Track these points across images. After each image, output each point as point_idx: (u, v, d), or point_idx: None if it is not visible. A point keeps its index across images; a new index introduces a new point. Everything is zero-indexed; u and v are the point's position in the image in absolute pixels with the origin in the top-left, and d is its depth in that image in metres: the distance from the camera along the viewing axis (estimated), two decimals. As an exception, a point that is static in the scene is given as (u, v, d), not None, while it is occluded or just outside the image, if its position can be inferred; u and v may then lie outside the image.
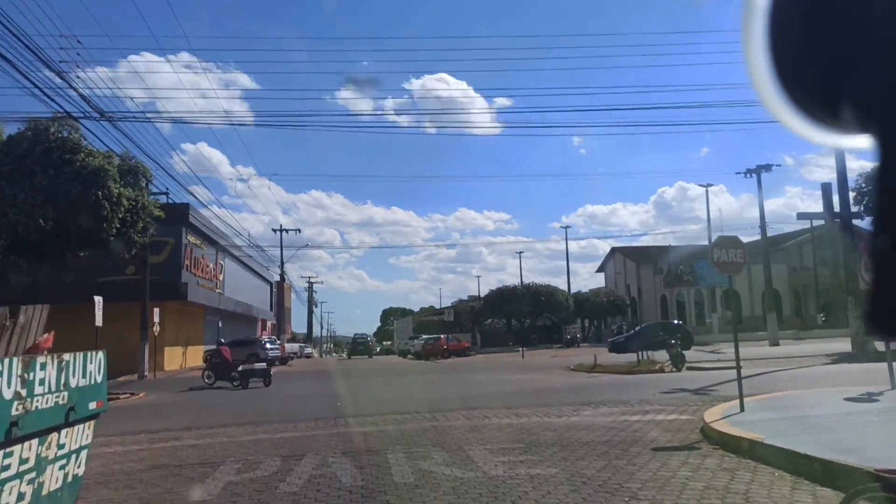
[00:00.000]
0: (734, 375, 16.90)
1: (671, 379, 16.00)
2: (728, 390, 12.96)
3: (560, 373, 20.51)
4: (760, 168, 32.99)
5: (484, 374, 21.71)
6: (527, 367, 24.48)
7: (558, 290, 51.48)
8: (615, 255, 75.58)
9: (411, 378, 21.40)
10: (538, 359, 31.20)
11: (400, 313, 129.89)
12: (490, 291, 53.65)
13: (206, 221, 36.72)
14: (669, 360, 19.80)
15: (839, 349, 25.02)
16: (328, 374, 27.45)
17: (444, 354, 38.27)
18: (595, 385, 15.19)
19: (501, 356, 38.10)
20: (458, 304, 64.69)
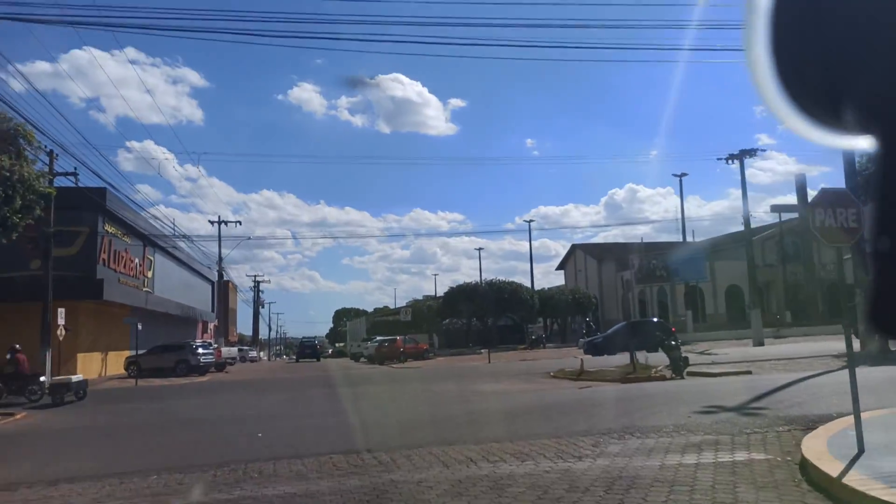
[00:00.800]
0: (756, 384, 13.98)
1: (682, 390, 12.91)
2: (778, 405, 9.90)
3: (541, 381, 17.26)
4: (744, 153, 30.62)
5: (451, 382, 18.31)
6: (498, 373, 21.18)
7: (523, 286, 48.47)
8: (576, 253, 73.45)
9: (362, 390, 17.83)
10: (506, 362, 27.96)
11: (353, 314, 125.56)
12: (450, 289, 50.31)
13: (128, 211, 32.24)
14: (669, 365, 16.82)
15: (839, 348, 22.57)
16: (264, 383, 23.61)
17: (401, 358, 34.74)
18: (598, 400, 11.94)
19: (464, 359, 34.79)
20: (416, 304, 61.17)
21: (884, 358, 18.32)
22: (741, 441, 7.79)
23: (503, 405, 11.83)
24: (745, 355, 23.33)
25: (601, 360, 23.69)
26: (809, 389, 11.72)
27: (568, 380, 17.18)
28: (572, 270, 72.20)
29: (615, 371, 17.58)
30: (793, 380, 13.56)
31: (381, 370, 29.15)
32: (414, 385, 18.30)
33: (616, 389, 13.80)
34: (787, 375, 14.97)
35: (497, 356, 33.34)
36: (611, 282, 66.09)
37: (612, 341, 28.26)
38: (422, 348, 38.21)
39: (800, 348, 25.82)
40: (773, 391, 11.70)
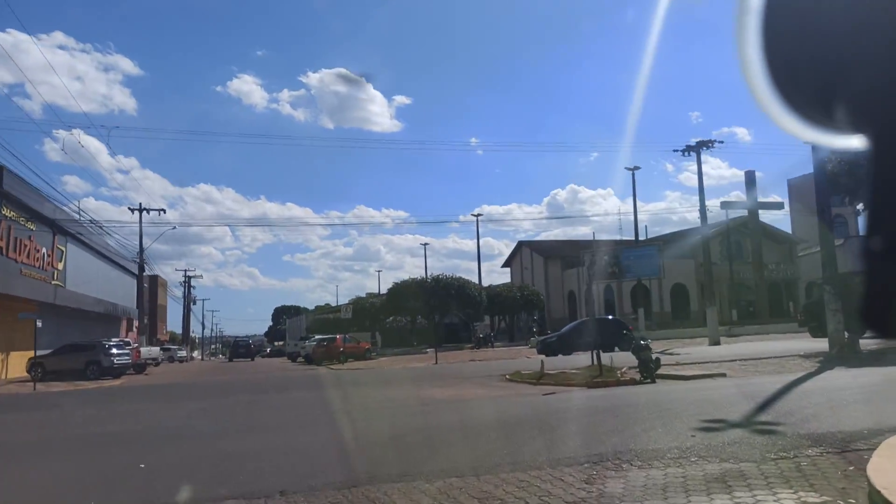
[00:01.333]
0: (743, 389, 12.18)
1: (664, 397, 11.14)
2: (789, 419, 8.17)
3: (498, 385, 15.31)
4: (700, 144, 29.57)
5: (396, 387, 16.17)
6: (448, 375, 19.13)
7: (470, 282, 46.60)
8: (522, 250, 72.32)
9: (291, 397, 15.47)
10: (455, 363, 25.96)
11: (293, 311, 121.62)
12: (394, 284, 48.00)
13: (32, 193, 28.68)
14: (637, 367, 15.14)
15: (805, 348, 21.55)
16: (183, 388, 20.89)
17: (341, 358, 32.29)
18: (571, 412, 10.01)
19: (409, 359, 32.64)
20: (358, 301, 58.64)
21: (857, 359, 17.19)
22: (772, 472, 5.97)
23: (460, 419, 9.76)
24: (706, 355, 22.06)
25: (558, 361, 21.99)
26: (809, 397, 10.12)
27: (527, 384, 15.30)
28: (518, 268, 71.03)
29: (578, 374, 15.79)
30: (781, 384, 11.99)
31: (317, 372, 26.69)
32: (353, 391, 16.06)
33: (586, 397, 11.94)
34: (768, 379, 13.46)
35: (444, 356, 31.33)
36: (557, 279, 65.20)
37: (567, 340, 26.67)
38: (363, 347, 35.85)
39: (760, 347, 24.81)
40: (772, 400, 10.05)
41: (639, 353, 14.82)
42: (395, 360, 32.97)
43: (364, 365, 29.22)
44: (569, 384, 14.35)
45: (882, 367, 14.74)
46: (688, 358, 20.34)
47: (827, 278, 19.53)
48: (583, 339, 25.55)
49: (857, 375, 13.19)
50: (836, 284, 19.44)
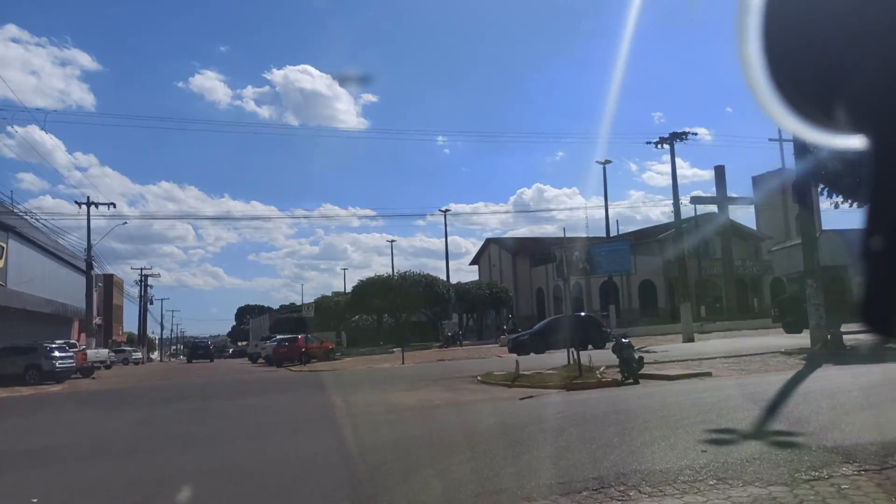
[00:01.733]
0: (742, 391, 11.26)
1: (657, 402, 10.10)
2: (805, 427, 7.16)
3: (469, 388, 14.12)
4: (674, 136, 28.85)
5: (359, 392, 14.87)
6: (416, 377, 17.89)
7: (438, 279, 45.33)
8: (490, 247, 71.42)
9: (243, 404, 14.04)
10: (423, 364, 24.72)
11: (257, 311, 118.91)
12: (360, 282, 46.42)
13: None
14: (619, 367, 14.13)
15: (784, 344, 20.89)
16: (129, 394, 19.24)
17: (303, 359, 30.75)
18: (554, 420, 8.85)
19: (375, 359, 31.27)
20: (322, 300, 56.95)
21: (844, 355, 16.48)
22: (811, 498, 4.91)
23: (429, 431, 8.54)
24: (684, 352, 21.23)
25: (532, 360, 20.93)
26: (816, 400, 9.15)
27: (501, 386, 14.16)
28: (486, 265, 70.12)
29: (555, 375, 14.71)
30: (778, 385, 11.06)
31: (276, 374, 25.19)
32: (311, 396, 14.71)
33: (567, 401, 10.83)
34: (759, 379, 12.56)
35: (412, 356, 30.07)
36: (525, 275, 64.46)
37: (540, 338, 25.66)
38: (327, 348, 34.33)
39: (736, 344, 24.14)
40: (776, 403, 9.08)
41: (621, 352, 13.79)
42: (360, 360, 31.58)
43: (327, 366, 27.78)
44: (546, 386, 13.26)
45: (874, 365, 13.97)
46: (666, 356, 19.46)
47: (809, 272, 18.84)
48: (556, 337, 24.58)
49: (855, 374, 12.35)
50: (818, 278, 18.77)
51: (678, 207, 29.91)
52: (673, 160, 28.77)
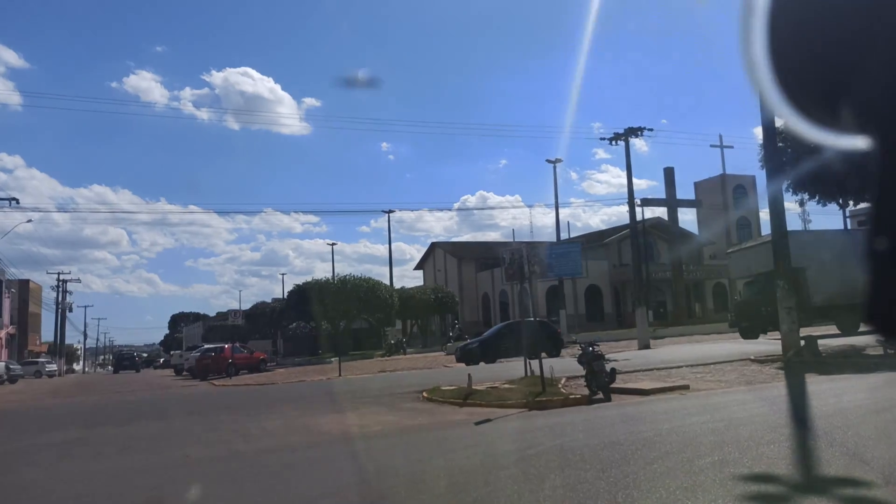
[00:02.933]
0: (726, 408, 9.37)
1: (641, 428, 8.13)
2: (860, 463, 5.27)
3: (413, 408, 11.89)
4: (629, 132, 27.46)
5: (281, 414, 12.41)
6: (352, 393, 15.54)
7: (380, 284, 42.81)
8: (435, 251, 69.47)
9: (135, 432, 11.38)
10: (362, 376, 22.32)
11: (192, 318, 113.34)
12: (296, 287, 43.49)
13: None
14: (586, 380, 12.19)
15: (750, 350, 19.52)
16: (6, 417, 16.19)
17: (230, 371, 27.81)
18: (526, 463, 6.66)
19: (311, 370, 28.61)
20: (258, 306, 53.68)
21: (824, 364, 15.02)
22: None
23: (356, 481, 6.28)
24: (647, 360, 19.60)
25: (482, 371, 18.91)
26: (856, 427, 7.34)
27: (450, 404, 12.00)
28: (431, 270, 68.12)
29: (514, 390, 12.67)
30: (780, 402, 9.31)
31: (195, 390, 22.32)
32: (220, 421, 12.18)
33: (536, 427, 8.75)
34: (749, 395, 10.79)
35: (351, 366, 27.62)
36: (471, 281, 62.76)
37: (491, 346, 23.63)
38: (257, 358, 31.42)
39: (696, 350, 22.77)
40: (801, 429, 7.24)
41: (590, 363, 11.84)
42: (294, 371, 28.85)
43: (256, 379, 25.02)
44: (505, 405, 11.17)
45: (868, 375, 12.50)
46: (628, 364, 17.72)
47: (780, 273, 17.44)
48: (508, 345, 22.65)
49: (859, 387, 10.70)
50: (789, 279, 17.41)
51: (633, 203, 28.54)
52: (628, 156, 27.43)
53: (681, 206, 44.77)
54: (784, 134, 19.49)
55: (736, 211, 60.51)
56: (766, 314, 25.13)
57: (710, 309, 56.75)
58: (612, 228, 64.95)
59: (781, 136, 19.28)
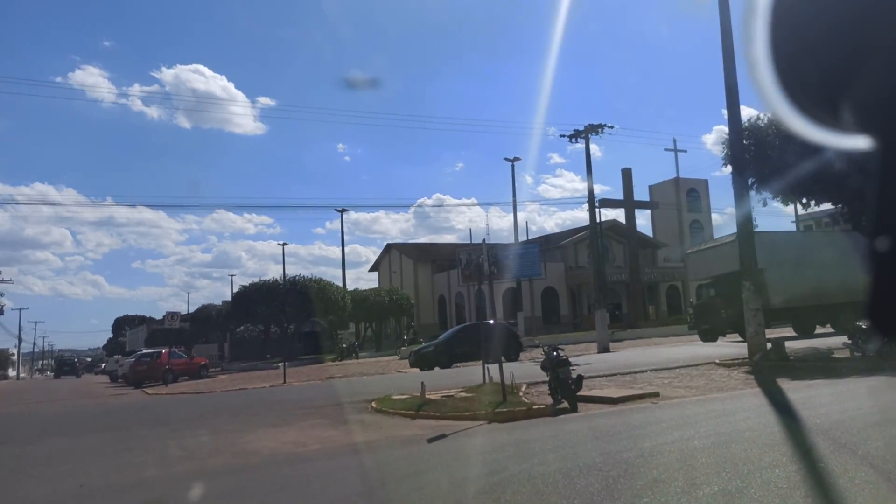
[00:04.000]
0: (711, 420, 8.13)
1: (620, 447, 7.10)
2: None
3: (359, 422, 10.63)
4: (589, 129, 26.76)
5: (210, 428, 11.00)
6: (295, 402, 14.17)
7: (332, 285, 41.20)
8: (391, 253, 68.09)
9: (35, 453, 9.81)
10: (309, 382, 20.90)
11: (138, 322, 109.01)
12: (242, 288, 41.52)
13: None
14: (550, 388, 11.16)
15: (713, 354, 18.90)
16: None
17: (166, 377, 25.91)
18: (491, 496, 5.53)
19: (255, 376, 26.96)
20: (203, 309, 51.40)
21: (794, 369, 14.36)
22: None
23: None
24: (609, 364, 18.75)
25: (438, 377, 17.78)
26: (841, 432, 6.47)
27: (402, 416, 10.80)
28: (387, 272, 66.70)
29: (472, 399, 11.56)
30: (766, 413, 8.43)
31: (125, 399, 20.52)
32: (140, 437, 10.71)
33: (498, 444, 7.62)
34: (731, 404, 9.93)
35: (299, 372, 26.13)
36: (427, 284, 61.65)
37: (447, 350, 22.47)
38: (198, 364, 29.55)
39: (658, 354, 22.07)
40: (798, 441, 6.30)
41: (555, 369, 10.82)
42: (237, 378, 27.14)
43: (194, 387, 23.29)
44: (462, 416, 10.04)
45: (843, 380, 11.82)
46: (591, 369, 16.80)
47: (747, 273, 16.81)
48: (466, 349, 21.56)
49: (856, 395, 9.91)
50: (756, 280, 16.80)
51: (592, 202, 27.82)
52: (588, 153, 26.70)
53: (638, 208, 44.60)
54: (749, 131, 19.02)
55: (689, 214, 61.07)
56: (726, 316, 24.75)
57: (665, 311, 56.93)
58: (567, 231, 64.79)
59: (746, 134, 18.75)
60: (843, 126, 0.77)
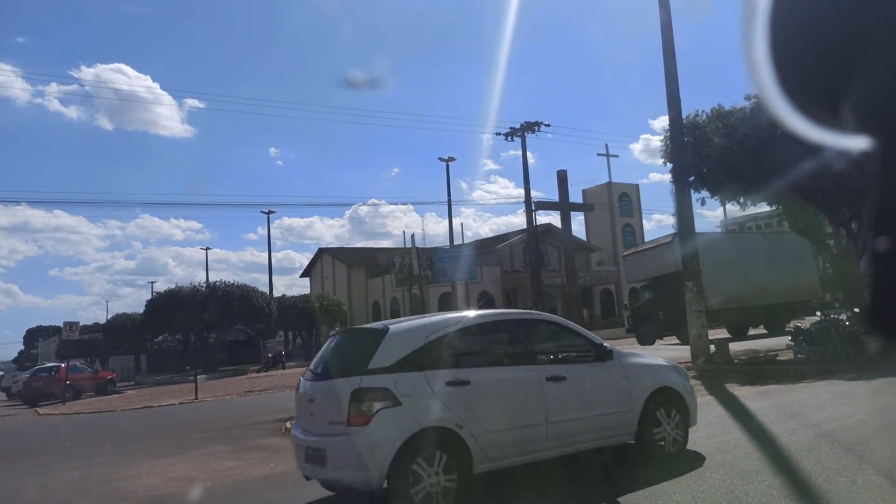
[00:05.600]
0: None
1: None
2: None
3: (267, 448, 9.08)
4: (526, 127, 25.91)
5: (80, 461, 9.20)
6: (197, 424, 12.42)
7: (257, 291, 38.84)
8: (323, 258, 65.97)
9: None
10: (224, 397, 19.01)
11: (52, 332, 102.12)
12: (156, 295, 38.67)
13: None
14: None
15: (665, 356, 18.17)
16: None
17: (66, 394, 23.31)
18: None
19: (166, 391, 24.67)
20: (117, 318, 47.99)
21: (745, 373, 13.67)
22: None
23: None
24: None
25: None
26: (831, 451, 5.48)
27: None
28: (319, 277, 64.50)
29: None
30: (720, 425, 7.42)
31: (9, 421, 18.08)
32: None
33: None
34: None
35: (215, 385, 24.07)
36: (361, 289, 59.92)
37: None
38: (103, 378, 26.95)
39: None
40: (789, 468, 5.25)
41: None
42: (147, 394, 24.78)
43: (95, 405, 20.94)
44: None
45: (797, 384, 11.12)
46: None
47: (689, 274, 16.14)
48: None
49: (822, 403, 9.06)
50: (699, 281, 16.14)
51: (529, 202, 27.00)
52: (524, 152, 25.91)
53: (574, 210, 44.25)
54: (688, 128, 18.50)
55: (621, 218, 61.79)
56: (664, 319, 24.35)
57: (599, 315, 57.17)
58: (502, 235, 64.43)
59: (685, 131, 18.19)
60: (844, 126, 0.76)
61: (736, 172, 17.82)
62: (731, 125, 18.13)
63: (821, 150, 0.84)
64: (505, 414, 5.34)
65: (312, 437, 5.20)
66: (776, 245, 26.13)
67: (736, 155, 17.56)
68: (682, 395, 6.31)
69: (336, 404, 4.94)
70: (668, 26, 16.53)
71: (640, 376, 6.21)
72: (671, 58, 16.56)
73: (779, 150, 16.04)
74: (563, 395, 5.61)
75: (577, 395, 5.75)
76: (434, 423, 4.91)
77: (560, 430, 5.51)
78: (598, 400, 5.87)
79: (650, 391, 6.09)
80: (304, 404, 5.56)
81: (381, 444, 4.73)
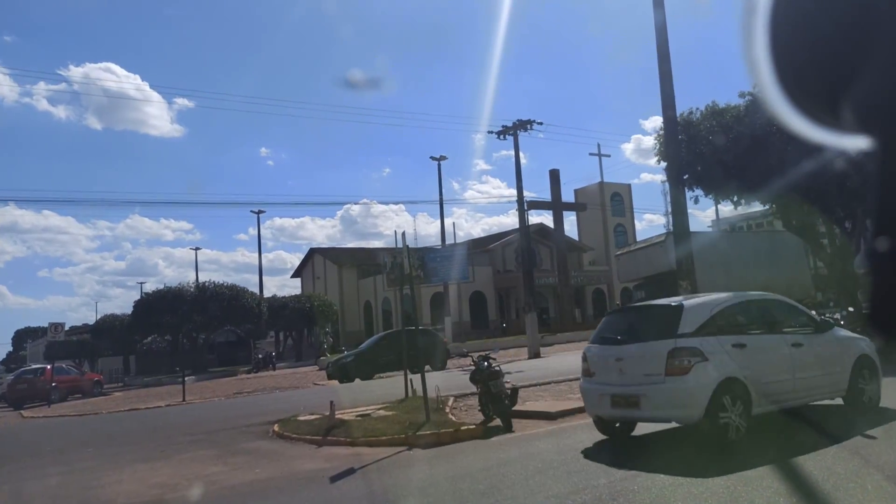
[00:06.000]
0: (647, 447, 6.67)
1: (572, 482, 5.71)
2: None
3: (254, 452, 8.83)
4: (518, 125, 25.71)
5: (60, 467, 8.89)
6: (183, 427, 12.11)
7: (247, 291, 38.43)
8: (314, 258, 65.56)
9: None
10: (212, 400, 18.69)
11: (40, 334, 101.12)
12: (145, 296, 38.19)
13: None
14: (481, 403, 9.71)
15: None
16: None
17: (52, 396, 22.90)
18: None
19: (154, 393, 24.30)
20: (105, 319, 47.49)
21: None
22: None
23: None
24: (542, 372, 17.57)
25: (357, 390, 16.08)
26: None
27: (306, 442, 9.11)
28: (310, 278, 64.10)
29: (390, 418, 9.97)
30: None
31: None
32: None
33: (416, 484, 6.06)
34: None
35: (204, 387, 23.75)
36: (352, 289, 59.56)
37: (367, 360, 20.72)
38: (90, 381, 26.56)
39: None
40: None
41: (486, 382, 9.37)
42: (134, 396, 24.39)
43: (80, 407, 20.58)
44: (378, 441, 8.43)
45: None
46: (523, 377, 15.55)
47: (682, 273, 15.98)
48: (388, 358, 19.92)
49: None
50: (693, 279, 15.98)
51: (522, 202, 26.78)
52: (517, 151, 25.68)
53: (566, 209, 44.33)
54: (682, 126, 18.34)
55: (613, 218, 61.74)
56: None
57: (591, 315, 57.05)
58: (494, 235, 64.24)
59: (679, 129, 18.03)
60: (842, 125, 0.76)
61: (730, 170, 17.71)
62: (725, 123, 17.99)
63: (817, 148, 0.82)
64: (769, 370, 6.91)
65: (620, 387, 6.83)
66: (770, 244, 26.07)
67: (730, 153, 17.45)
68: (874, 361, 7.78)
69: (654, 360, 6.54)
70: (663, 27, 16.36)
71: (849, 345, 7.82)
72: (666, 58, 16.39)
73: (774, 148, 15.94)
74: (803, 357, 7.19)
75: (812, 358, 7.31)
76: (731, 374, 6.43)
77: (801, 384, 7.09)
78: (824, 362, 7.46)
79: (855, 357, 7.64)
80: (607, 363, 7.19)
81: (701, 389, 6.26)
